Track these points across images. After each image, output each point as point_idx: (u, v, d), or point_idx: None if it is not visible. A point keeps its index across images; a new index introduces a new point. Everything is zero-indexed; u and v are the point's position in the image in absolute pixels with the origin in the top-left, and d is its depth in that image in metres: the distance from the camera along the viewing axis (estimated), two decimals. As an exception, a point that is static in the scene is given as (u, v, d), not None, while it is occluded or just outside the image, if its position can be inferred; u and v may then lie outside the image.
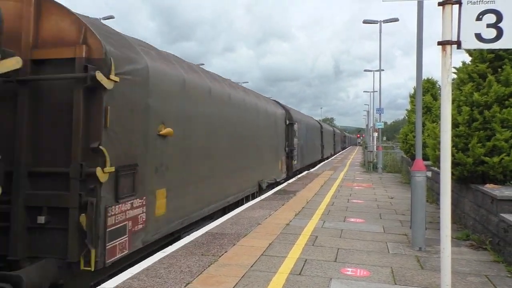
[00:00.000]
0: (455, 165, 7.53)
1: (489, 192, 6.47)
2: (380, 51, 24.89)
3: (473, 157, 7.29)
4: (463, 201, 7.99)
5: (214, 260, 5.60)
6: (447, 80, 3.71)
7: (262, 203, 10.47)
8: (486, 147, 7.22)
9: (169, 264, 5.39)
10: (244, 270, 5.22)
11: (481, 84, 7.68)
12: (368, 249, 6.31)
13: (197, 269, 5.22)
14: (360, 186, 15.17)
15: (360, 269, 5.32)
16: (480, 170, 7.33)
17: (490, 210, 6.44)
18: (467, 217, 7.71)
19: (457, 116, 7.65)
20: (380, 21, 24.27)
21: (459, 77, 8.33)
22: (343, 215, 9.14)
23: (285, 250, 6.16)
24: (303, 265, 5.47)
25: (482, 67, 7.68)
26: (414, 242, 6.41)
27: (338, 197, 12.00)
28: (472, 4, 3.63)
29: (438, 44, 3.72)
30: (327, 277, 5.00)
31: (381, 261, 5.72)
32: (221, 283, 4.73)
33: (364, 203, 10.99)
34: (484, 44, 3.66)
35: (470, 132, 7.51)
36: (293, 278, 4.95)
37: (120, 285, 4.62)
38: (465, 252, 6.23)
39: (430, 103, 16.56)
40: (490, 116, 7.29)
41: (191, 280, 4.82)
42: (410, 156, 17.80)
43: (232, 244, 6.46)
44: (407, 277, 5.07)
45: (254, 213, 9.12)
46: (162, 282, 4.72)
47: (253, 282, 4.79)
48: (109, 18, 25.37)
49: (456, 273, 5.13)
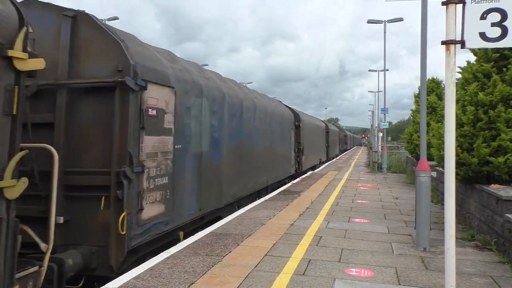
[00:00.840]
0: (460, 165, 7.50)
1: (494, 192, 6.44)
2: (384, 51, 24.88)
3: (478, 157, 7.26)
4: (468, 201, 7.95)
5: (218, 260, 5.61)
6: (451, 80, 3.70)
7: (266, 204, 10.47)
8: (491, 147, 7.19)
9: (173, 264, 5.41)
10: (248, 270, 5.22)
11: (486, 83, 7.65)
12: (373, 250, 6.30)
13: (201, 269, 5.22)
14: (364, 186, 15.14)
15: (364, 270, 5.30)
16: (485, 170, 7.29)
17: (495, 211, 6.40)
18: (472, 217, 7.67)
19: (461, 116, 7.62)
20: (385, 21, 24.19)
21: (463, 76, 8.30)
22: (347, 215, 9.12)
23: (289, 251, 6.15)
24: (307, 265, 5.47)
25: (487, 67, 7.64)
26: (419, 243, 6.39)
27: (342, 197, 11.98)
28: (476, 3, 3.60)
29: (442, 44, 3.70)
30: (331, 278, 4.99)
31: (386, 261, 5.71)
32: (225, 283, 4.73)
33: (369, 203, 10.96)
34: (488, 43, 3.64)
35: (475, 132, 7.48)
36: (297, 279, 4.94)
37: (124, 285, 4.64)
38: (470, 253, 6.20)
39: (435, 103, 16.48)
40: (495, 116, 7.25)
41: (195, 280, 4.83)
42: (415, 156, 17.73)
43: (236, 244, 6.46)
44: (411, 277, 5.05)
45: (258, 213, 9.12)
46: (166, 282, 4.74)
47: (257, 282, 4.79)
48: (114, 19, 25.47)
49: (461, 274, 5.10)
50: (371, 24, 24.36)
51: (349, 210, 9.83)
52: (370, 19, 24.29)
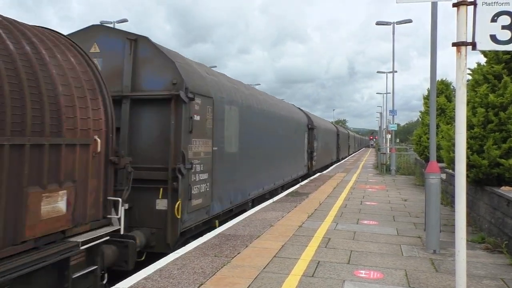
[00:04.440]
0: (470, 167, 7.45)
1: (505, 194, 6.39)
2: (393, 53, 24.69)
3: (488, 159, 7.20)
4: (478, 203, 7.90)
5: (227, 261, 5.63)
6: (462, 82, 3.69)
7: (275, 205, 10.48)
8: (502, 149, 7.13)
9: (182, 265, 5.44)
10: (257, 271, 5.23)
11: (496, 85, 7.59)
12: (382, 252, 6.28)
13: (210, 270, 5.25)
14: (373, 188, 15.08)
15: (374, 272, 5.29)
16: (496, 172, 7.24)
17: (506, 213, 6.35)
18: (482, 219, 7.61)
19: (472, 118, 7.57)
20: (393, 22, 24.06)
21: (474, 78, 8.25)
22: (356, 217, 9.09)
23: (298, 252, 6.16)
24: (316, 267, 5.47)
25: (498, 68, 7.59)
26: (429, 245, 6.35)
27: (351, 199, 11.94)
28: (487, 5, 3.60)
29: (453, 45, 3.69)
30: (340, 279, 4.99)
31: (395, 263, 5.69)
32: (234, 284, 4.75)
33: (378, 205, 10.92)
34: (499, 46, 3.63)
35: (485, 134, 7.42)
36: (306, 280, 4.95)
37: (134, 286, 4.68)
38: (481, 255, 6.16)
39: (444, 105, 16.40)
40: (506, 118, 7.20)
41: (204, 281, 4.85)
42: (424, 158, 17.64)
43: (245, 245, 6.48)
44: (421, 280, 5.03)
45: (266, 215, 9.13)
46: (175, 283, 4.77)
47: (266, 284, 4.80)
48: (122, 21, 25.66)
49: (471, 276, 5.07)
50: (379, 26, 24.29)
51: (358, 212, 9.80)
52: (379, 21, 24.20)
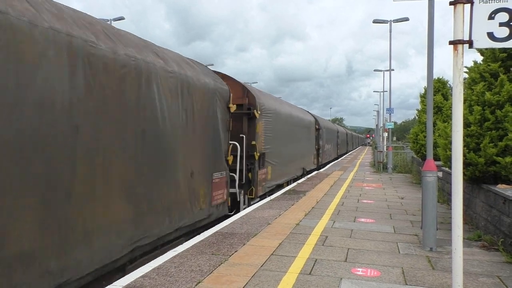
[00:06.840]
0: (467, 165, 7.47)
1: (501, 192, 6.41)
2: (390, 51, 24.70)
3: (484, 157, 7.23)
4: (475, 201, 7.93)
5: (224, 259, 5.63)
6: (458, 80, 3.69)
7: (272, 203, 10.49)
8: (498, 147, 7.16)
9: (180, 263, 5.43)
10: (255, 269, 5.24)
11: (493, 83, 7.62)
12: (379, 249, 6.30)
13: (207, 268, 5.25)
14: (370, 186, 15.12)
15: (371, 269, 5.31)
16: (492, 170, 7.26)
17: (502, 211, 6.38)
18: (478, 217, 7.64)
19: (468, 116, 7.59)
20: (390, 20, 24.06)
21: (470, 76, 8.27)
22: (353, 215, 9.12)
23: (295, 250, 6.17)
24: (313, 265, 5.48)
25: (494, 66, 7.61)
26: (425, 243, 6.38)
27: (348, 197, 11.97)
28: (484, 3, 3.60)
29: (450, 44, 3.69)
30: (338, 277, 5.00)
31: (392, 261, 5.70)
32: (232, 282, 4.75)
33: (374, 203, 10.95)
34: (496, 43, 3.63)
35: (481, 132, 7.45)
36: (303, 278, 4.96)
37: (132, 284, 4.67)
38: (477, 253, 6.19)
39: (441, 103, 16.41)
40: (502, 116, 7.22)
41: (202, 279, 4.85)
42: (420, 156, 17.67)
43: (242, 243, 6.49)
44: (418, 277, 5.05)
45: (263, 213, 9.13)
46: (173, 281, 4.76)
47: (263, 282, 4.80)
48: (119, 19, 25.58)
49: (467, 274, 5.10)
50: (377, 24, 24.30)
51: (355, 210, 9.83)
52: (376, 19, 24.18)
